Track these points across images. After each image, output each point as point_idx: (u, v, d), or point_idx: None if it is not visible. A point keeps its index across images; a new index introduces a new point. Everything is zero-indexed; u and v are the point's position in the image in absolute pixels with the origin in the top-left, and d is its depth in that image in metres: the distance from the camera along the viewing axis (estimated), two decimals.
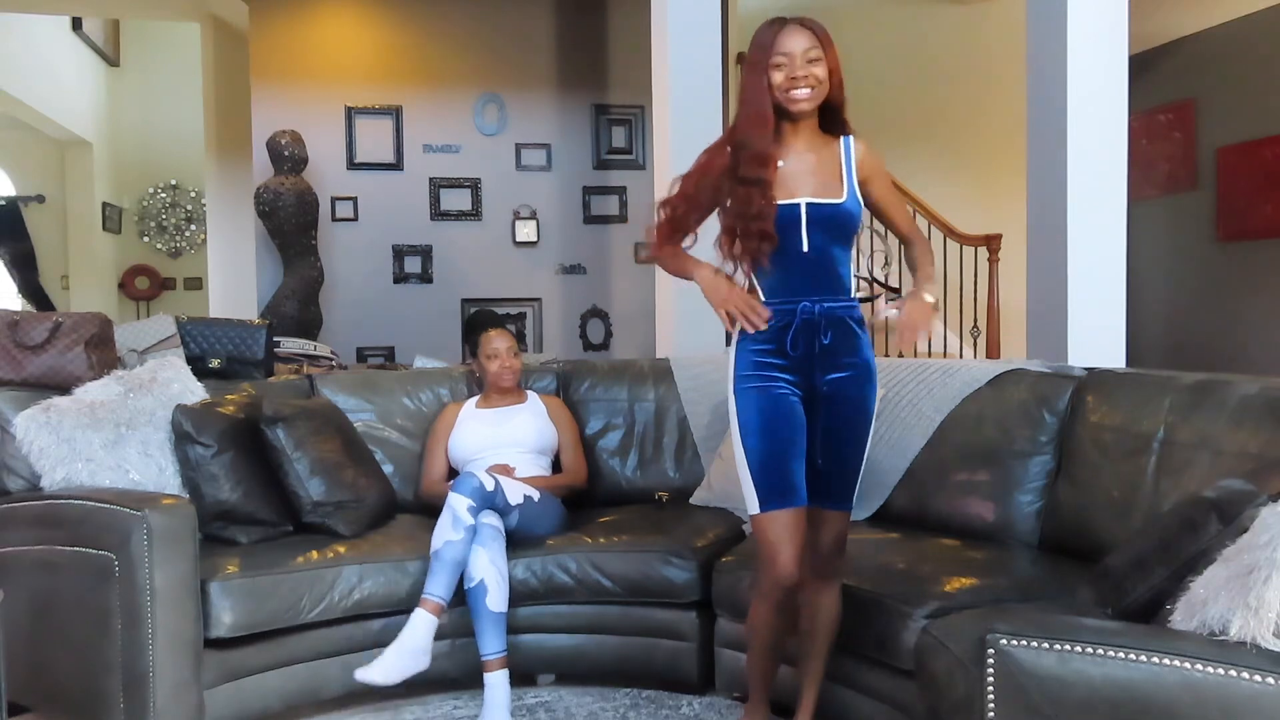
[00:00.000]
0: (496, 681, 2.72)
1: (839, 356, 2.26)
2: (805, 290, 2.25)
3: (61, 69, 9.00)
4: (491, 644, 2.73)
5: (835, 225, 2.25)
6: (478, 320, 3.53)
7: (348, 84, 6.72)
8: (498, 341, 3.39)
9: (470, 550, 2.75)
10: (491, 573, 2.75)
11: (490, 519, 2.82)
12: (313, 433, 3.03)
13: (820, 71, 2.22)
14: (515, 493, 2.93)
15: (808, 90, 2.21)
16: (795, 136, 2.27)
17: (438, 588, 2.71)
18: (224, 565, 2.63)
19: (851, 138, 2.31)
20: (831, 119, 2.31)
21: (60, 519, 2.59)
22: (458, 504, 2.77)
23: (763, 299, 2.27)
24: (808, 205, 2.23)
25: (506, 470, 3.17)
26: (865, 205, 2.33)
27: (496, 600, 2.74)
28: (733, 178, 2.25)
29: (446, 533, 2.76)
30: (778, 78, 2.21)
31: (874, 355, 2.32)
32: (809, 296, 2.24)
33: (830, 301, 2.25)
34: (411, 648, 2.65)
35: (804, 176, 2.25)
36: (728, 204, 2.29)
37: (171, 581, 2.44)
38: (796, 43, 2.21)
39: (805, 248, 2.23)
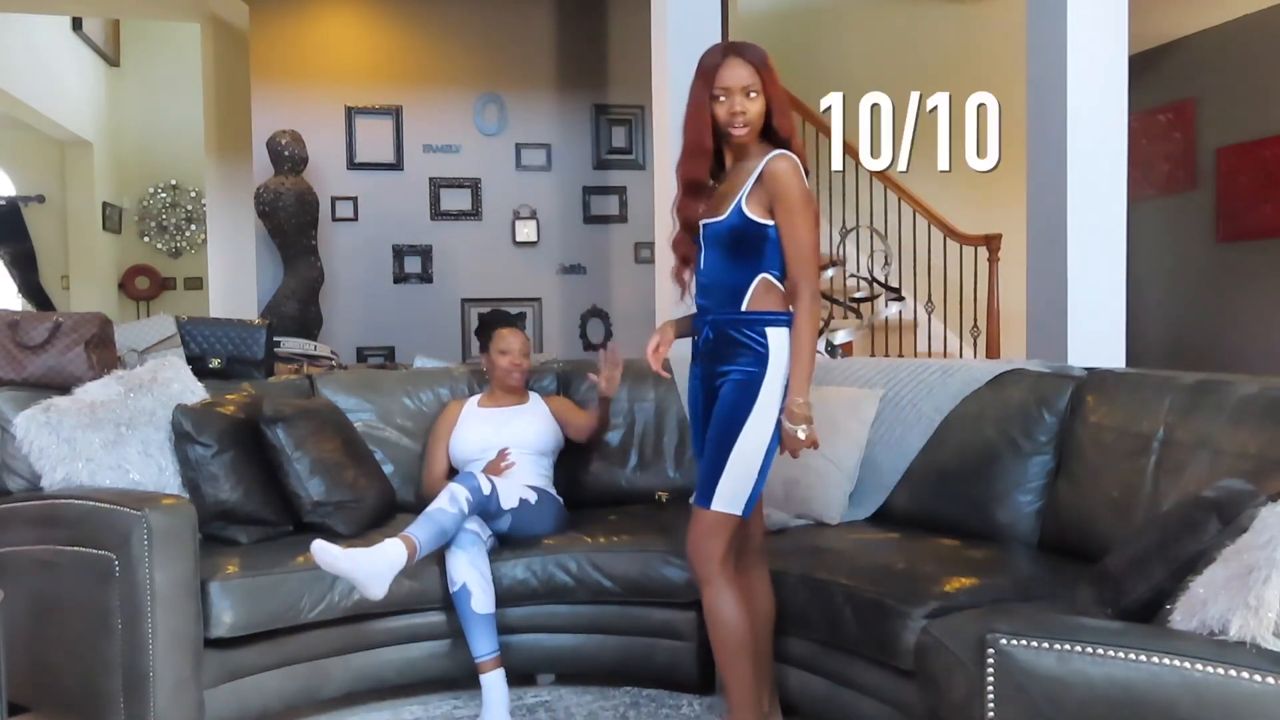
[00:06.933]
0: (493, 682, 2.73)
1: (720, 364, 2.40)
2: (707, 303, 2.44)
3: (61, 69, 9.00)
4: (483, 645, 2.74)
5: (719, 242, 2.38)
6: (492, 319, 3.54)
7: (348, 84, 6.72)
8: (513, 339, 3.38)
9: (456, 530, 2.75)
10: (473, 575, 2.76)
11: (472, 525, 2.82)
12: (313, 433, 3.03)
13: (756, 107, 2.32)
14: (511, 496, 2.92)
15: (744, 129, 2.33)
16: (732, 157, 2.42)
17: (419, 531, 2.65)
18: (224, 565, 2.63)
19: (774, 155, 2.32)
20: (775, 139, 2.37)
21: (60, 519, 2.59)
22: (457, 490, 2.78)
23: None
24: (704, 225, 2.41)
25: (501, 465, 3.18)
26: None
27: (482, 602, 2.75)
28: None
29: (442, 503, 2.74)
30: (720, 111, 2.33)
31: (763, 370, 2.34)
32: (711, 310, 2.43)
33: (721, 314, 2.40)
34: (373, 566, 2.52)
35: (721, 196, 2.40)
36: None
37: (171, 581, 2.44)
38: (735, 78, 2.31)
39: (702, 265, 2.44)
